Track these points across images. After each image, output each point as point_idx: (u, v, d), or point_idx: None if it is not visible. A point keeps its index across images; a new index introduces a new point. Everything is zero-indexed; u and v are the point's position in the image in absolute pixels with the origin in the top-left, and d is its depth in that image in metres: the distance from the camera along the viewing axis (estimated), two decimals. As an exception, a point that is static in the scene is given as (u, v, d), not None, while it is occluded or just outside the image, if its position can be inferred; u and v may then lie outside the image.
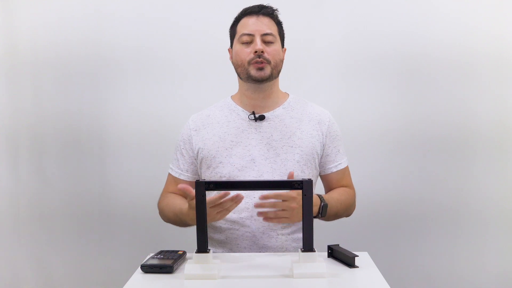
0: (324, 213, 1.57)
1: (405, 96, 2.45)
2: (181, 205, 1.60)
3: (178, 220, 1.64)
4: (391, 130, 2.45)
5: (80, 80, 2.47)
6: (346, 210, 1.73)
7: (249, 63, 1.63)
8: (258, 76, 1.63)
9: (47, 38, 2.45)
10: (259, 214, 1.47)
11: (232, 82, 1.74)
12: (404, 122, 2.45)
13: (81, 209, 2.51)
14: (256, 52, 1.62)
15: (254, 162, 1.65)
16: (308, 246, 1.31)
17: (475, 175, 2.46)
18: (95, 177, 2.51)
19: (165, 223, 1.79)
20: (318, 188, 1.77)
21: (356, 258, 1.39)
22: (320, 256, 1.38)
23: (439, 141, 2.45)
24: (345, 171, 1.79)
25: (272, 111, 1.72)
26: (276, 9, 1.71)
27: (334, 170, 1.75)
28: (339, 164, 1.76)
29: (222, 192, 1.37)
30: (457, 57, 2.42)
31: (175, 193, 1.76)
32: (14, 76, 2.48)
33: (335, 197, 1.67)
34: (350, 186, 1.80)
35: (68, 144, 2.49)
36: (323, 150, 1.73)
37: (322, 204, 1.57)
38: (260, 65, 1.62)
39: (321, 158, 1.74)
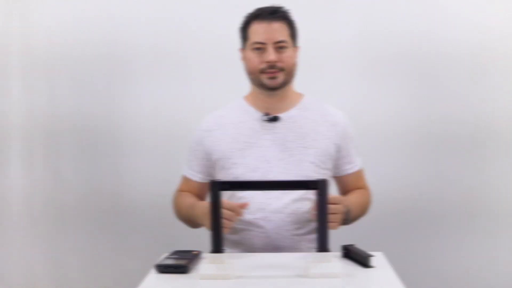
0: (348, 218, 1.59)
1: (420, 96, 2.46)
2: (194, 201, 1.67)
3: (189, 215, 1.68)
4: (406, 130, 2.46)
5: (94, 80, 2.50)
6: (363, 212, 1.76)
7: (261, 71, 1.63)
8: (270, 84, 1.64)
9: (62, 39, 2.49)
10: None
11: (245, 82, 1.74)
12: (419, 121, 2.46)
13: (96, 208, 2.54)
14: (268, 62, 1.61)
15: (268, 163, 1.65)
16: (323, 246, 1.33)
17: (491, 174, 2.46)
18: (109, 176, 2.53)
19: (180, 222, 1.81)
20: (331, 191, 1.78)
21: (371, 258, 1.39)
22: (335, 256, 1.40)
23: (455, 140, 2.45)
24: (360, 172, 1.80)
25: (286, 112, 1.72)
26: (288, 10, 1.68)
27: (350, 171, 1.76)
28: (355, 165, 1.77)
29: (243, 203, 1.46)
30: (472, 56, 2.42)
31: (188, 192, 1.79)
32: (29, 76, 2.51)
33: (353, 201, 1.68)
34: (365, 186, 1.81)
35: (83, 143, 2.52)
36: (339, 152, 1.73)
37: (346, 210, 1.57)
38: (273, 74, 1.63)
39: (336, 160, 1.74)
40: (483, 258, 2.48)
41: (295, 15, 1.72)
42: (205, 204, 1.52)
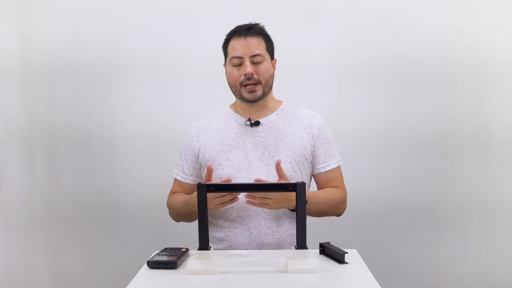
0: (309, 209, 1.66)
1: (392, 103, 2.55)
2: (186, 197, 1.75)
3: (186, 208, 1.74)
4: (379, 134, 2.55)
5: (90, 89, 2.58)
6: (331, 210, 1.78)
7: (241, 85, 1.72)
8: (250, 98, 1.72)
9: (60, 51, 2.55)
10: (248, 202, 1.59)
11: (227, 93, 1.83)
12: (391, 126, 2.55)
13: (92, 209, 2.61)
14: (246, 74, 1.70)
15: (250, 164, 1.74)
16: (301, 243, 1.39)
17: (457, 176, 2.56)
18: (104, 179, 2.60)
19: (170, 222, 1.88)
20: (312, 186, 1.85)
21: (345, 255, 1.47)
22: (312, 253, 1.46)
23: (424, 144, 2.55)
24: (335, 172, 1.82)
25: (266, 117, 1.80)
26: (263, 26, 1.76)
27: (323, 170, 1.81)
28: (328, 165, 1.81)
29: (226, 178, 1.56)
30: (441, 67, 2.52)
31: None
32: (29, 86, 2.57)
33: (320, 196, 1.73)
34: (340, 186, 1.83)
35: (79, 148, 2.59)
36: (314, 152, 1.80)
37: None
38: (251, 88, 1.71)
39: (312, 159, 1.81)
40: (450, 253, 2.58)
41: (274, 30, 1.80)
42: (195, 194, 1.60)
